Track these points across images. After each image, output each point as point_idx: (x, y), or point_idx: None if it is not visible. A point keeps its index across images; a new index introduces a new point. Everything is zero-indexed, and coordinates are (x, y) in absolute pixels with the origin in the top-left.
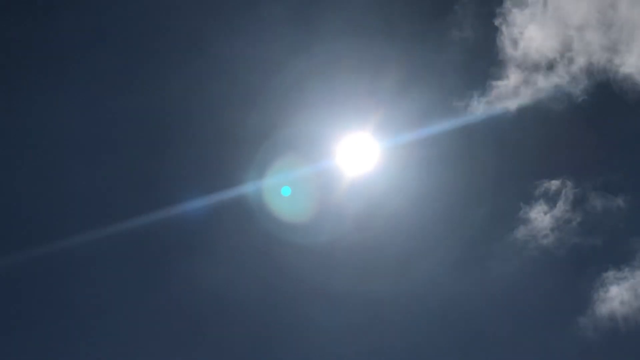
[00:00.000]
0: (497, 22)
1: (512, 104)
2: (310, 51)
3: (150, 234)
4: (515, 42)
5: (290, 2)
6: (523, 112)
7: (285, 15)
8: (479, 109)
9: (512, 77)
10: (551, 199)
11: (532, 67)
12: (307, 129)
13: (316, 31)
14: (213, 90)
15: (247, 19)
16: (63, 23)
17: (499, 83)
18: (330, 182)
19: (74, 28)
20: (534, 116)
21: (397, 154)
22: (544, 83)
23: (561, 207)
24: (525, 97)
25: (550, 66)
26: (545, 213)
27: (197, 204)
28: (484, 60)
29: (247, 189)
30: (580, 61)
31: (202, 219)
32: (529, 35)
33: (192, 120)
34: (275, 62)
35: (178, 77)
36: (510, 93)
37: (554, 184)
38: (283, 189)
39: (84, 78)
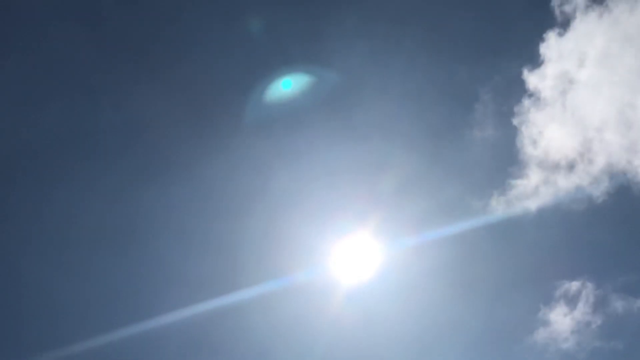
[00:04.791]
0: (516, 121)
1: (532, 204)
2: (319, 148)
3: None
4: (534, 142)
5: (297, 96)
6: (543, 212)
7: (287, 111)
8: (499, 208)
9: (532, 177)
10: (571, 301)
11: (552, 167)
12: (321, 232)
13: (327, 125)
14: (211, 194)
15: (244, 121)
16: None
17: (519, 182)
18: (339, 287)
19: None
20: (554, 216)
21: (412, 255)
22: (564, 183)
23: (581, 309)
24: (545, 197)
25: (570, 166)
26: (566, 315)
27: (195, 309)
28: (503, 159)
29: (246, 294)
30: (600, 162)
31: (201, 324)
32: (548, 134)
33: (190, 225)
34: (275, 161)
35: (177, 182)
36: (530, 193)
37: (574, 285)
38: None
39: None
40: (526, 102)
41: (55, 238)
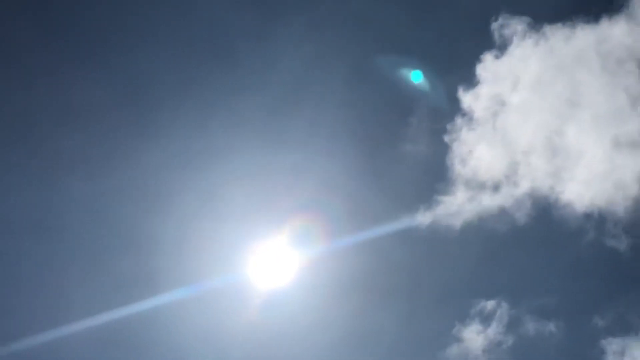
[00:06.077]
0: (447, 138)
1: (456, 221)
2: (238, 150)
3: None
4: (463, 160)
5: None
6: (466, 230)
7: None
8: (423, 222)
9: (458, 195)
10: (486, 319)
11: (478, 187)
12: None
13: (249, 127)
14: (125, 196)
15: (161, 124)
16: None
17: (445, 199)
18: (247, 294)
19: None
20: (476, 235)
21: (330, 263)
22: (489, 203)
23: (495, 328)
24: (469, 216)
25: (496, 187)
26: (479, 333)
27: (109, 315)
28: (431, 175)
29: (160, 299)
30: (525, 185)
31: (114, 331)
32: (477, 154)
33: (104, 226)
34: (192, 163)
35: (90, 180)
36: (455, 210)
37: (490, 304)
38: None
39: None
40: (459, 120)
41: None
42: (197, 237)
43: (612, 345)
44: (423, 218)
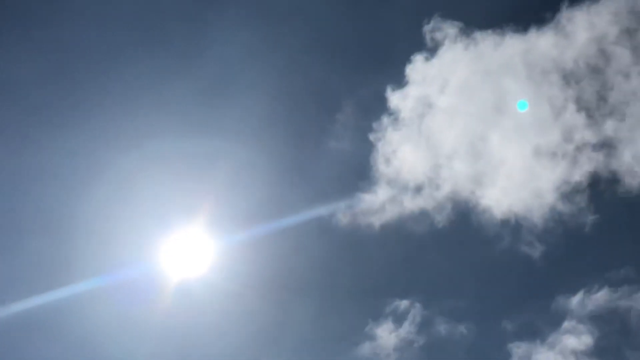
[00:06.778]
0: (373, 137)
1: (376, 220)
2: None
3: None
4: (387, 160)
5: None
6: (385, 229)
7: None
8: (343, 219)
9: (380, 194)
10: (399, 319)
11: (400, 187)
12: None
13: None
14: (33, 183)
15: (74, 113)
16: None
17: (366, 197)
18: (160, 284)
19: None
20: (394, 234)
21: (245, 253)
22: (409, 204)
23: (407, 327)
24: (389, 215)
25: (418, 189)
26: (391, 332)
27: (17, 306)
28: (354, 172)
29: (72, 290)
30: (446, 188)
31: (24, 323)
32: (401, 155)
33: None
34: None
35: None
36: (376, 209)
37: (404, 303)
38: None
39: None
40: (385, 119)
41: None
42: (110, 224)
43: (519, 349)
44: (343, 214)
